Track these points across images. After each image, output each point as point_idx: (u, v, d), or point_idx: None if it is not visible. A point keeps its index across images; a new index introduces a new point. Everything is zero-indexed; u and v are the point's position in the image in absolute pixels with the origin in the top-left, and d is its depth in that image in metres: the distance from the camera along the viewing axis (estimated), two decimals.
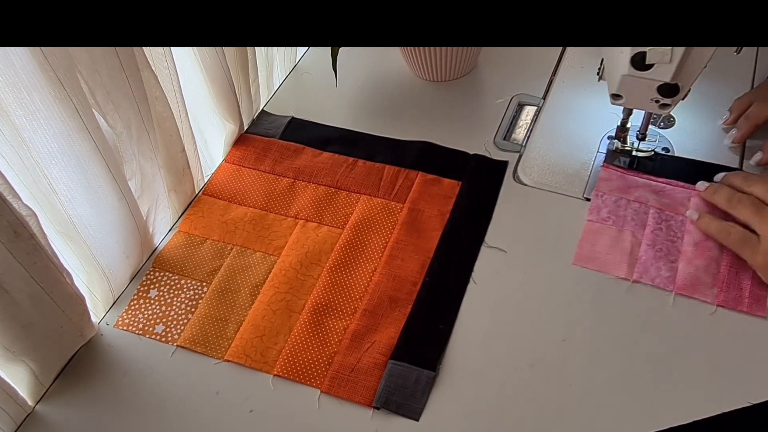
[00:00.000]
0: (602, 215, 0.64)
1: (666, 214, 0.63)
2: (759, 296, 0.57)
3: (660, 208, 0.64)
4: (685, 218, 0.63)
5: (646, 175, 0.67)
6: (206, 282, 0.63)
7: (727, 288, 0.58)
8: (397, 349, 0.57)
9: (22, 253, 0.47)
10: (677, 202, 0.64)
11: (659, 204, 0.64)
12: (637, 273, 0.60)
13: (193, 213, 0.69)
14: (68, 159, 0.51)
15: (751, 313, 0.56)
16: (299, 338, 0.58)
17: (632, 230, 0.63)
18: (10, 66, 0.44)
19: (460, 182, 0.69)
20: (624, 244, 0.62)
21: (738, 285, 0.58)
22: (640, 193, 0.65)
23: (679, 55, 0.54)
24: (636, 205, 0.64)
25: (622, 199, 0.65)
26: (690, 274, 0.59)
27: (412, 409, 0.53)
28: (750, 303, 0.57)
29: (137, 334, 0.60)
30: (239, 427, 0.53)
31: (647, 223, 0.63)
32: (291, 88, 0.83)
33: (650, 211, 0.64)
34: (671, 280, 0.59)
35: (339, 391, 0.55)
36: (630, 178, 0.67)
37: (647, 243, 0.61)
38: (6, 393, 0.52)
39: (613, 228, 0.63)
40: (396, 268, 0.62)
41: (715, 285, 0.58)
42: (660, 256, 0.60)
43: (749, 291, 0.57)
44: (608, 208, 0.65)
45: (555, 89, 0.78)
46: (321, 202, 0.69)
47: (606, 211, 0.64)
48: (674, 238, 0.61)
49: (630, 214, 0.64)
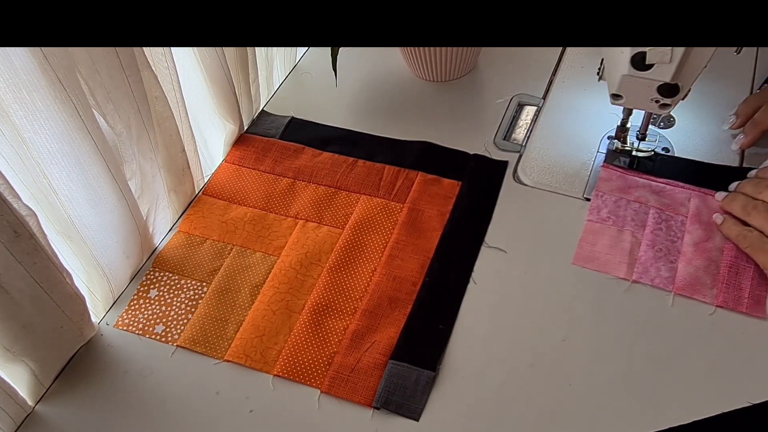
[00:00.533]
0: (602, 215, 0.64)
1: (666, 215, 0.63)
2: (758, 297, 0.57)
3: (660, 209, 0.64)
4: (685, 218, 0.63)
5: (646, 176, 0.67)
6: (206, 282, 0.63)
7: (726, 289, 0.58)
8: (397, 349, 0.57)
9: (22, 253, 0.47)
10: (677, 203, 0.64)
11: (659, 204, 0.64)
12: (637, 273, 0.60)
13: (193, 213, 0.69)
14: (68, 159, 0.51)
15: (751, 314, 0.56)
16: (299, 338, 0.58)
17: (632, 230, 0.63)
18: (10, 66, 0.44)
19: (460, 182, 0.69)
20: (624, 244, 0.62)
21: (738, 286, 0.58)
22: (640, 193, 0.65)
23: (679, 55, 0.54)
24: (636, 206, 0.64)
25: (622, 199, 0.65)
26: (690, 275, 0.59)
27: (412, 409, 0.53)
28: (749, 304, 0.57)
29: (137, 334, 0.60)
30: (239, 427, 0.54)
31: (647, 223, 0.63)
32: (291, 88, 0.84)
33: (650, 212, 0.64)
34: (671, 280, 0.59)
35: (339, 391, 0.55)
36: (630, 178, 0.67)
37: (647, 243, 0.61)
38: (6, 393, 0.52)
39: (613, 228, 0.63)
40: (396, 268, 0.62)
41: (714, 286, 0.58)
42: (660, 257, 0.60)
43: (749, 292, 0.57)
44: (608, 208, 0.65)
45: (555, 89, 0.78)
46: (321, 202, 0.69)
47: (606, 211, 0.64)
48: (674, 239, 0.61)
49: (630, 214, 0.64)
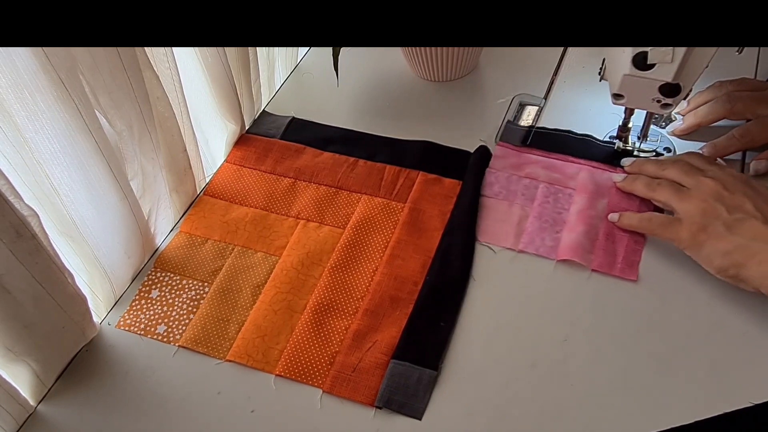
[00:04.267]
0: (494, 191, 0.67)
1: (555, 188, 0.66)
2: (632, 262, 0.60)
3: (550, 183, 0.67)
4: (573, 191, 0.65)
5: (539, 152, 0.70)
6: (208, 282, 0.63)
7: (603, 254, 0.60)
8: (398, 348, 0.57)
9: (24, 253, 0.47)
10: (567, 177, 0.67)
11: (549, 179, 0.67)
12: (523, 243, 0.62)
13: (194, 213, 0.69)
14: (70, 159, 0.51)
15: (623, 277, 0.59)
16: (301, 338, 0.58)
17: (521, 204, 0.65)
18: (12, 67, 0.44)
19: (461, 182, 0.69)
20: (513, 217, 0.65)
21: (613, 251, 0.60)
22: (532, 169, 0.68)
23: (681, 55, 0.54)
24: (526, 181, 0.67)
25: (514, 175, 0.68)
26: (572, 240, 0.61)
27: (414, 408, 0.53)
28: (622, 267, 0.59)
29: (139, 335, 0.60)
30: (241, 427, 0.54)
31: (536, 197, 0.66)
32: (292, 88, 0.84)
33: (540, 186, 0.67)
34: (554, 249, 0.61)
35: (341, 390, 0.55)
36: (524, 155, 0.70)
37: (534, 215, 0.64)
38: (8, 393, 0.52)
39: (504, 203, 0.66)
40: (397, 268, 0.62)
41: (592, 251, 0.61)
42: (546, 228, 0.63)
43: (623, 257, 0.60)
44: (500, 184, 0.68)
45: (556, 89, 0.78)
46: (322, 202, 0.69)
47: (497, 187, 0.67)
48: (560, 210, 0.64)
49: (521, 189, 0.67)
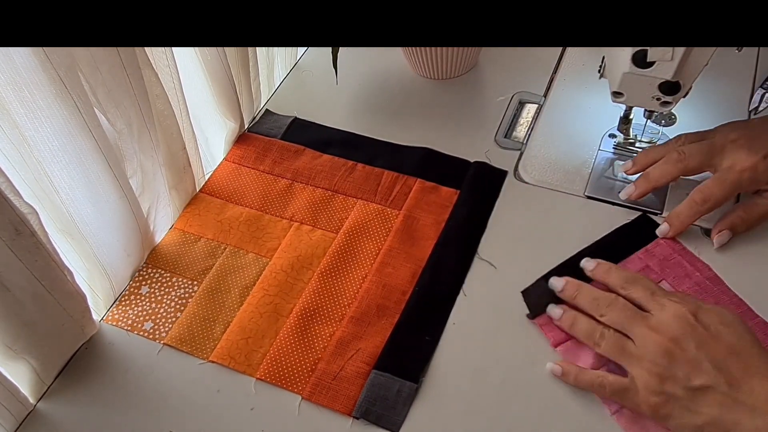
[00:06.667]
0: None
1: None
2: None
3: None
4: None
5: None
6: (197, 281, 0.63)
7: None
8: (381, 358, 0.56)
9: (23, 251, 0.47)
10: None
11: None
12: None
13: (189, 211, 0.69)
14: (69, 157, 0.51)
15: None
16: (284, 342, 0.57)
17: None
18: (11, 64, 0.44)
19: (458, 191, 0.68)
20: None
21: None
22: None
23: (681, 53, 0.54)
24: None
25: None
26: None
27: (391, 420, 0.52)
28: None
29: (126, 330, 0.60)
30: (242, 425, 0.54)
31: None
32: (292, 86, 0.83)
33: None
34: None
35: (320, 398, 0.54)
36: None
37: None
38: (8, 391, 0.52)
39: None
40: (387, 276, 0.61)
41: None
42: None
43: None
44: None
45: (556, 87, 0.78)
46: (317, 205, 0.68)
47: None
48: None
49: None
